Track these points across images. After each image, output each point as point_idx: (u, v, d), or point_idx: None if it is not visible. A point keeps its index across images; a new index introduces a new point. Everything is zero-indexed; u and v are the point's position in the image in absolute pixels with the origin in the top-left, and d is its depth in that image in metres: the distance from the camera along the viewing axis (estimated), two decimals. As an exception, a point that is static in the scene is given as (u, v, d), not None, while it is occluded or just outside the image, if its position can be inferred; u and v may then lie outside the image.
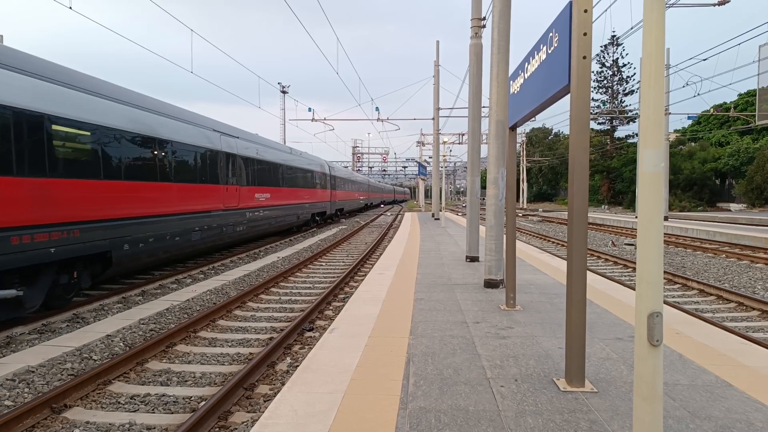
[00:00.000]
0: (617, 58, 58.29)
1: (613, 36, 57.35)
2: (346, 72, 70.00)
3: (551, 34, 4.01)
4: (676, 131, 57.35)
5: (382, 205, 71.81)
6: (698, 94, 24.81)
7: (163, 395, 4.97)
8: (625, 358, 4.41)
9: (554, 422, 3.20)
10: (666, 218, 26.04)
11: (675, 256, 15.30)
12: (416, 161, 56.60)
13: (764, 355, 4.50)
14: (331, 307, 8.63)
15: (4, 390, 4.96)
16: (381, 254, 12.73)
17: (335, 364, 4.27)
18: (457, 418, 3.27)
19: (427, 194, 74.27)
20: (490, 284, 7.70)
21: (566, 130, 73.76)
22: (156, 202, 10.46)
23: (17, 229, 6.78)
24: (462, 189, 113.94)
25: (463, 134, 41.81)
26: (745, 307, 8.57)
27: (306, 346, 6.52)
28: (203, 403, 4.76)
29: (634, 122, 50.52)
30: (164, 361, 6.04)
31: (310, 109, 36.46)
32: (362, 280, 10.01)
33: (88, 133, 8.44)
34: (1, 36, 9.36)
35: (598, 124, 59.94)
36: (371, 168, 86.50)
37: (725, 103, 51.11)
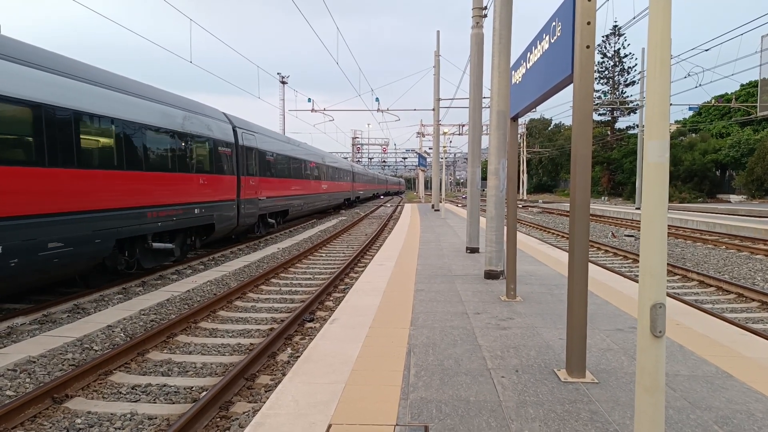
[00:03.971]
0: (618, 49, 57.91)
1: (615, 26, 57.00)
2: (346, 62, 69.78)
3: (554, 23, 3.97)
4: (676, 122, 57.20)
5: (382, 197, 71.32)
6: (700, 85, 24.72)
7: (165, 385, 4.99)
8: (626, 349, 4.42)
9: (555, 413, 3.21)
10: (666, 209, 25.92)
11: (675, 247, 15.30)
12: (416, 152, 56.44)
13: (764, 346, 4.50)
14: (331, 298, 8.63)
15: (6, 380, 4.97)
16: (381, 245, 12.73)
17: (336, 355, 4.27)
18: (458, 408, 3.28)
19: (427, 185, 74.15)
20: (490, 275, 7.70)
21: (566, 121, 73.56)
22: None
23: None
24: (462, 180, 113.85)
25: (463, 125, 41.65)
26: (744, 299, 8.58)
27: (307, 337, 6.53)
28: (204, 393, 4.78)
29: (635, 113, 50.34)
30: (165, 351, 6.05)
31: (309, 100, 36.27)
32: (362, 271, 10.02)
33: None
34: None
35: (599, 115, 59.68)
36: (371, 159, 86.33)
37: (726, 94, 50.90)
